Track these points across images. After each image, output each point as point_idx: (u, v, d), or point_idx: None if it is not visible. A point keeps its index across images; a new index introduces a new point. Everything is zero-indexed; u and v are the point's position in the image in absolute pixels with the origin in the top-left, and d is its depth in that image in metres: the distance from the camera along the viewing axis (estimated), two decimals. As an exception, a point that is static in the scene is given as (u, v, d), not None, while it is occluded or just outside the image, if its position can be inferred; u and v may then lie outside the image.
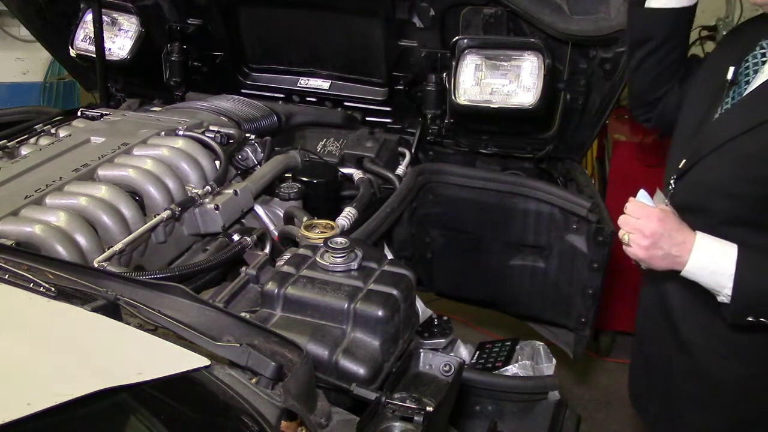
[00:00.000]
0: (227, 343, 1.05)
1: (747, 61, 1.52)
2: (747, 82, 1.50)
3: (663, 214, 1.44)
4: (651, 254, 1.44)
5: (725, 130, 1.46)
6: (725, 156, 1.45)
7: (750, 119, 1.42)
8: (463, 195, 2.38)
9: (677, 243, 1.41)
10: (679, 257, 1.42)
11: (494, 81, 2.28)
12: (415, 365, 1.28)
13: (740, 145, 1.42)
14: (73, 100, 4.88)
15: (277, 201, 2.04)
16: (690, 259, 1.41)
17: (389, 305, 1.31)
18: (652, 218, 1.43)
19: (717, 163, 1.47)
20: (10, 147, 2.09)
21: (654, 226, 1.42)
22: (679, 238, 1.42)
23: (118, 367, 0.95)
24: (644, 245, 1.43)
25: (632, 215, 1.45)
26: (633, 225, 1.45)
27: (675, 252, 1.42)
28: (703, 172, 1.50)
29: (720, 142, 1.46)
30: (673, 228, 1.43)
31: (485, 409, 1.80)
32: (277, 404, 0.98)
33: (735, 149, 1.43)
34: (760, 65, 1.49)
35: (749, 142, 1.41)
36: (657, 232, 1.42)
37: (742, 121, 1.44)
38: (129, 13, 2.75)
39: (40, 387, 0.88)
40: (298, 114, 2.60)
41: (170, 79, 2.77)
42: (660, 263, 1.44)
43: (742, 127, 1.42)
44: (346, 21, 2.51)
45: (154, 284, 1.21)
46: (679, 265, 1.43)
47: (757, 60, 1.50)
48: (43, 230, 1.52)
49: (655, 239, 1.42)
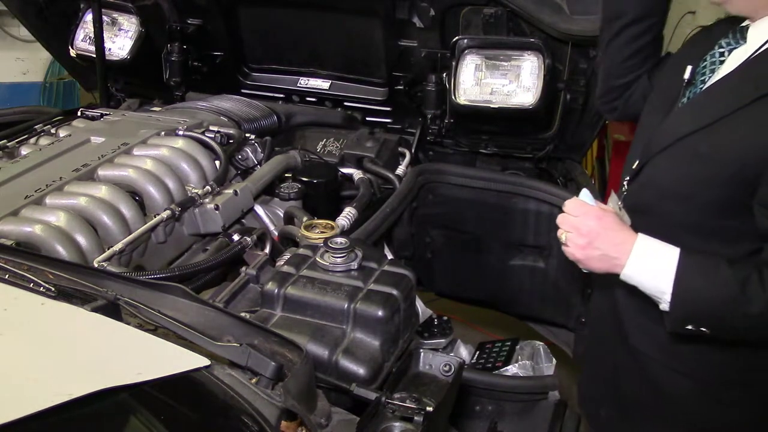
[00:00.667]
0: (227, 343, 1.05)
1: (705, 60, 1.47)
2: (703, 82, 1.45)
3: (601, 213, 1.35)
4: (587, 254, 1.34)
5: (675, 129, 1.40)
6: (675, 156, 1.39)
7: (700, 118, 1.36)
8: (463, 195, 2.38)
9: (615, 243, 1.32)
10: (616, 259, 1.32)
11: (494, 81, 2.28)
12: (415, 365, 1.28)
13: (690, 145, 1.36)
14: (73, 100, 4.88)
15: (277, 201, 2.04)
16: (628, 261, 1.31)
17: (389, 305, 1.31)
18: (589, 216, 1.34)
19: (666, 163, 1.41)
20: (10, 147, 2.08)
21: (591, 224, 1.33)
22: (617, 238, 1.32)
23: (118, 367, 0.95)
24: (580, 244, 1.34)
25: (570, 213, 1.37)
26: (570, 223, 1.36)
27: (612, 253, 1.32)
28: (653, 173, 1.44)
29: (670, 141, 1.40)
30: (611, 227, 1.33)
31: (485, 409, 1.80)
32: (277, 404, 0.98)
33: (684, 149, 1.37)
34: (717, 65, 1.44)
35: (699, 141, 1.34)
36: (593, 231, 1.32)
37: (692, 120, 1.37)
38: (129, 13, 2.75)
39: (40, 387, 0.88)
40: (298, 114, 2.60)
41: (170, 79, 2.77)
42: (597, 264, 1.35)
43: (692, 126, 1.36)
44: (346, 21, 2.51)
45: (154, 284, 1.21)
46: (617, 267, 1.33)
47: (715, 59, 1.45)
48: (43, 230, 1.52)
49: (591, 238, 1.33)
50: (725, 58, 1.44)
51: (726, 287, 1.25)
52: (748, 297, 1.23)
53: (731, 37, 1.42)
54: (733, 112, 1.31)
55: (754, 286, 1.23)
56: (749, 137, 1.27)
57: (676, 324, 1.32)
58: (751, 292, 1.23)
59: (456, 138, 2.57)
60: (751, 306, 1.23)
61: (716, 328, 1.31)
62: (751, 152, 1.26)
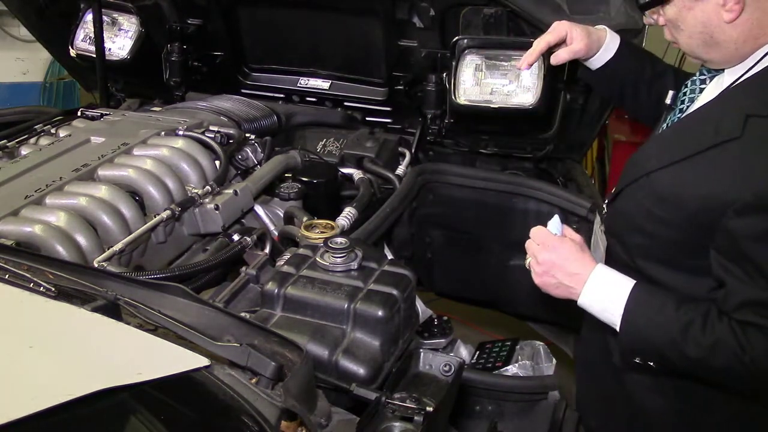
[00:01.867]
0: (227, 343, 1.05)
1: (686, 86, 1.46)
2: (681, 110, 1.44)
3: (558, 243, 1.37)
4: (544, 281, 1.39)
5: (643, 163, 1.40)
6: (640, 191, 1.38)
7: (664, 156, 1.35)
8: (463, 195, 2.38)
9: (570, 274, 1.36)
10: (572, 288, 1.36)
11: (494, 81, 2.28)
12: (415, 365, 1.28)
13: (652, 182, 1.35)
14: (73, 100, 4.88)
15: (277, 201, 2.04)
16: (582, 291, 1.35)
17: (389, 305, 1.31)
18: (547, 246, 1.38)
19: (633, 197, 1.41)
20: (10, 147, 2.08)
21: (546, 254, 1.37)
22: (572, 269, 1.35)
23: (118, 367, 0.95)
24: (537, 272, 1.40)
25: (534, 241, 1.41)
26: (531, 250, 1.41)
27: (567, 282, 1.36)
28: (624, 203, 1.44)
29: (637, 175, 1.39)
30: (568, 258, 1.36)
31: (485, 409, 1.80)
32: (277, 404, 0.98)
33: (648, 185, 1.36)
34: (697, 93, 1.43)
35: (660, 180, 1.34)
36: (548, 261, 1.37)
37: (657, 157, 1.36)
38: (129, 13, 2.74)
39: (40, 387, 0.88)
40: (298, 114, 2.60)
41: (170, 79, 2.77)
42: (555, 291, 1.40)
43: (658, 164, 1.35)
44: (346, 21, 2.51)
45: (154, 284, 1.21)
46: (573, 296, 1.37)
47: (695, 87, 1.44)
48: (43, 230, 1.52)
49: (546, 267, 1.37)
50: (705, 85, 1.42)
51: (669, 328, 1.26)
52: (688, 341, 1.24)
53: None
54: (693, 156, 1.29)
55: (696, 331, 1.23)
56: (706, 184, 1.25)
57: (625, 355, 1.36)
58: (690, 337, 1.24)
59: (456, 138, 2.57)
60: (689, 349, 1.24)
61: (661, 364, 1.32)
62: (709, 201, 1.24)
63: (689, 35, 1.32)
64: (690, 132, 1.35)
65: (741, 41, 1.28)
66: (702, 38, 1.30)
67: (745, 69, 1.30)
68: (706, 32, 1.29)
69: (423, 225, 2.42)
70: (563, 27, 1.64)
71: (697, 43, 1.32)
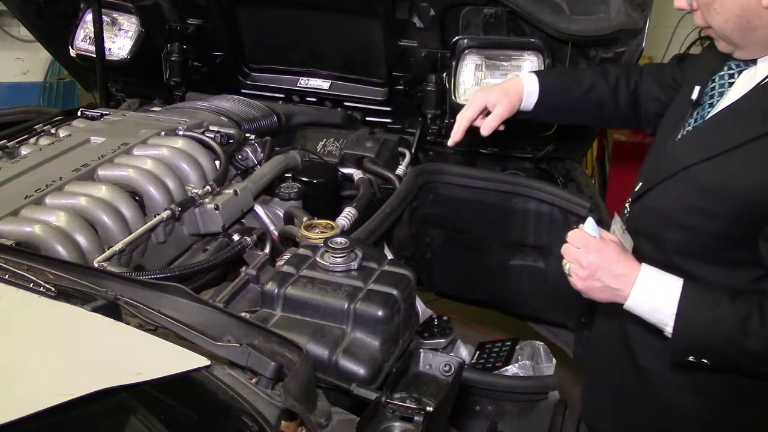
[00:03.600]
0: (227, 343, 1.05)
1: (714, 81, 1.45)
2: (711, 105, 1.43)
3: (602, 245, 1.33)
4: (588, 285, 1.34)
5: (680, 158, 1.39)
6: (679, 185, 1.38)
7: (706, 149, 1.34)
8: (463, 195, 2.38)
9: (616, 276, 1.32)
10: (619, 291, 1.32)
11: (494, 81, 2.28)
12: (415, 365, 1.28)
13: (694, 176, 1.34)
14: (73, 100, 4.88)
15: (277, 201, 2.04)
16: (631, 294, 1.31)
17: (389, 305, 1.31)
18: (590, 249, 1.33)
19: (670, 192, 1.40)
20: (10, 147, 2.08)
21: (591, 257, 1.32)
22: (618, 270, 1.32)
23: (118, 367, 0.95)
24: (581, 276, 1.34)
25: (573, 244, 1.36)
26: (572, 254, 1.36)
27: (614, 285, 1.32)
28: (657, 199, 1.43)
29: (674, 170, 1.38)
30: (612, 260, 1.32)
31: (485, 409, 1.80)
32: (277, 404, 0.98)
33: (688, 179, 1.35)
34: (726, 87, 1.42)
35: (702, 173, 1.33)
36: (593, 264, 1.32)
37: (698, 150, 1.36)
38: (129, 13, 2.75)
39: (40, 387, 0.88)
40: (298, 114, 2.60)
41: (170, 79, 2.77)
42: (599, 295, 1.35)
43: (698, 157, 1.34)
44: (346, 21, 2.51)
45: (154, 284, 1.21)
46: (620, 299, 1.33)
47: (724, 81, 1.42)
48: (43, 230, 1.52)
49: (591, 271, 1.33)
50: (734, 80, 1.41)
51: (726, 324, 1.25)
52: (748, 335, 1.23)
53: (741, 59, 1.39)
54: (739, 146, 1.29)
55: (754, 323, 1.22)
56: (754, 174, 1.25)
57: (678, 355, 1.33)
58: (750, 330, 1.23)
59: (456, 138, 2.57)
60: (750, 343, 1.23)
61: (717, 361, 1.31)
62: (756, 189, 1.24)
63: (725, 19, 1.30)
64: (732, 124, 1.34)
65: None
66: (738, 22, 1.29)
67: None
68: (743, 16, 1.28)
69: (423, 225, 2.42)
70: (480, 98, 1.70)
71: (732, 28, 1.31)
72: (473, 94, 1.74)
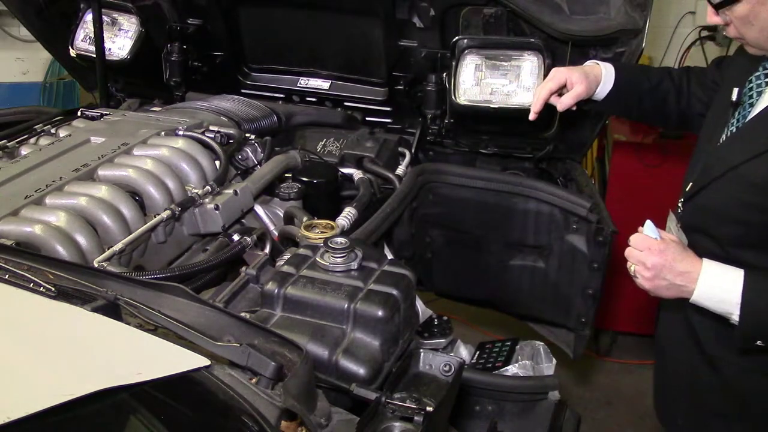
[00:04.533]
0: (227, 343, 1.05)
1: (750, 81, 1.50)
2: (751, 105, 1.49)
3: (663, 246, 1.43)
4: (655, 285, 1.44)
5: (728, 159, 1.46)
6: (729, 184, 1.45)
7: (752, 147, 1.41)
8: (463, 195, 2.38)
9: (680, 273, 1.41)
10: (684, 287, 1.42)
11: (494, 81, 2.28)
12: (415, 365, 1.28)
13: (743, 174, 1.42)
14: (73, 100, 4.88)
15: (277, 201, 2.04)
16: (696, 288, 1.41)
17: (389, 305, 1.31)
18: (653, 251, 1.43)
19: (722, 190, 1.47)
20: (10, 147, 2.08)
21: (655, 259, 1.42)
22: (681, 268, 1.41)
23: (118, 367, 0.95)
24: (647, 277, 1.44)
25: (635, 248, 1.46)
26: (636, 257, 1.46)
27: (679, 282, 1.42)
28: (709, 198, 1.50)
29: (723, 170, 1.46)
30: (675, 259, 1.42)
31: (485, 409, 1.79)
32: (277, 404, 0.98)
33: (738, 178, 1.43)
34: (764, 86, 1.47)
35: (751, 170, 1.40)
36: (658, 264, 1.42)
37: (744, 149, 1.43)
38: (129, 13, 2.74)
39: (40, 387, 0.88)
40: (298, 114, 2.60)
41: (170, 79, 2.77)
42: (666, 293, 1.45)
43: (745, 156, 1.42)
44: (346, 21, 2.51)
45: (154, 284, 1.21)
46: (686, 294, 1.43)
47: (761, 81, 1.48)
48: (43, 230, 1.52)
49: (656, 271, 1.42)
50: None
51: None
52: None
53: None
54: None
55: None
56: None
57: (746, 341, 1.41)
58: None
59: (456, 138, 2.57)
60: None
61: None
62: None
63: (760, 29, 1.38)
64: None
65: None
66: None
67: None
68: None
69: (423, 225, 2.42)
70: (562, 74, 1.76)
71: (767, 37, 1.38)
72: (556, 69, 1.79)
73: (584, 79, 1.75)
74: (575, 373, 3.33)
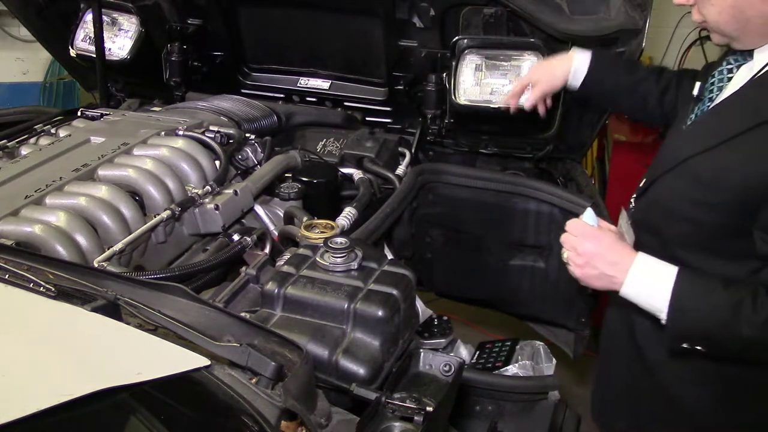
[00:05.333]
0: (227, 343, 1.05)
1: (713, 76, 1.48)
2: (711, 99, 1.46)
3: (599, 233, 1.39)
4: (585, 273, 1.39)
5: (679, 151, 1.42)
6: (678, 178, 1.40)
7: (702, 141, 1.37)
8: (463, 195, 2.38)
9: (611, 263, 1.36)
10: (614, 278, 1.36)
11: (494, 81, 2.28)
12: (415, 365, 1.28)
13: (692, 168, 1.37)
14: (73, 100, 4.88)
15: (277, 201, 2.04)
16: (626, 280, 1.35)
17: (389, 305, 1.31)
18: (587, 237, 1.38)
19: (671, 185, 1.43)
20: (10, 147, 2.08)
21: (587, 245, 1.37)
22: (613, 258, 1.36)
23: (118, 367, 0.95)
24: (578, 264, 1.39)
25: (571, 233, 1.41)
26: (569, 243, 1.41)
27: (609, 272, 1.36)
28: (659, 193, 1.46)
29: (674, 163, 1.41)
30: (608, 248, 1.37)
31: (485, 409, 1.79)
32: (277, 404, 0.98)
33: (687, 171, 1.38)
34: (725, 81, 1.44)
35: (700, 164, 1.36)
36: (589, 252, 1.37)
37: (695, 143, 1.39)
38: (129, 13, 2.75)
39: (40, 387, 0.88)
40: (298, 114, 2.60)
41: (170, 79, 2.77)
42: (596, 283, 1.39)
43: (694, 149, 1.37)
44: (346, 21, 2.51)
45: (154, 284, 1.21)
46: (615, 286, 1.37)
47: (723, 76, 1.45)
48: (43, 230, 1.52)
49: (587, 258, 1.37)
50: (733, 74, 1.43)
51: (719, 310, 1.26)
52: (740, 320, 1.24)
53: (739, 53, 1.42)
54: (733, 137, 1.31)
55: (747, 309, 1.24)
56: (749, 164, 1.27)
57: (673, 341, 1.35)
58: (743, 316, 1.24)
59: (456, 138, 2.57)
60: (742, 329, 1.24)
61: (711, 347, 1.32)
62: (751, 179, 1.26)
63: (719, 11, 1.34)
64: (727, 116, 1.37)
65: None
66: (732, 13, 1.32)
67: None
68: (737, 6, 1.31)
69: (423, 225, 2.42)
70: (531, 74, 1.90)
71: (726, 19, 1.34)
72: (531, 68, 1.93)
73: (546, 77, 1.84)
74: (575, 373, 3.33)
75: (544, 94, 1.86)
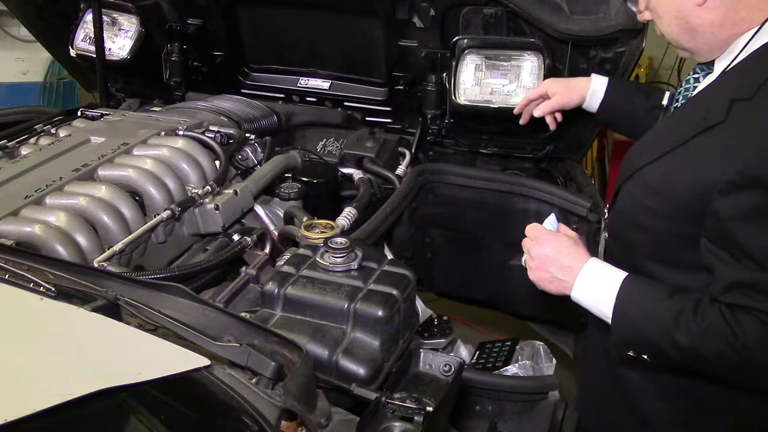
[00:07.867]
0: (227, 343, 1.05)
1: (681, 86, 1.47)
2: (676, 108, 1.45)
3: (552, 237, 1.39)
4: (539, 276, 1.40)
5: (635, 159, 1.41)
6: (635, 186, 1.39)
7: (654, 149, 1.36)
8: (463, 195, 2.38)
9: (563, 267, 1.36)
10: (565, 282, 1.36)
11: (494, 81, 2.28)
12: (415, 365, 1.28)
13: (645, 176, 1.36)
14: (73, 100, 4.87)
15: (277, 201, 2.04)
16: (574, 284, 1.35)
17: (389, 305, 1.31)
18: (540, 240, 1.39)
19: (629, 193, 1.42)
20: (10, 147, 2.08)
21: (540, 249, 1.38)
22: (566, 262, 1.36)
23: (118, 367, 0.95)
24: (532, 267, 1.40)
25: (528, 237, 1.42)
26: (525, 246, 1.42)
27: (561, 276, 1.36)
28: (623, 202, 1.45)
29: (631, 171, 1.41)
30: (561, 252, 1.37)
31: (485, 409, 1.80)
32: (277, 404, 0.98)
33: (641, 180, 1.37)
34: (691, 91, 1.43)
35: (651, 173, 1.35)
36: (542, 255, 1.38)
37: (649, 151, 1.38)
38: (129, 13, 2.74)
39: (40, 387, 0.88)
40: (298, 114, 2.60)
41: (170, 79, 2.77)
42: (549, 286, 1.40)
43: (648, 158, 1.36)
44: (346, 21, 2.51)
45: (154, 284, 1.21)
46: (566, 290, 1.37)
47: (689, 86, 1.44)
48: (43, 230, 1.52)
49: (540, 261, 1.38)
50: (699, 83, 1.43)
51: (662, 318, 1.25)
52: (679, 328, 1.22)
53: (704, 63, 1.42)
54: (681, 145, 1.29)
55: (687, 318, 1.22)
56: (693, 169, 1.26)
57: (618, 348, 1.34)
58: (682, 325, 1.22)
59: (456, 138, 2.57)
60: (681, 338, 1.22)
61: (654, 356, 1.31)
62: (696, 186, 1.24)
63: (668, 23, 1.35)
64: (678, 123, 1.37)
65: (717, 26, 1.29)
66: (679, 24, 1.32)
67: (732, 58, 1.31)
68: (681, 17, 1.31)
69: (423, 225, 2.42)
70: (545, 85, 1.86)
71: (677, 30, 1.34)
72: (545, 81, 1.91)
73: (564, 91, 1.80)
74: (575, 373, 3.33)
75: (557, 107, 1.83)
